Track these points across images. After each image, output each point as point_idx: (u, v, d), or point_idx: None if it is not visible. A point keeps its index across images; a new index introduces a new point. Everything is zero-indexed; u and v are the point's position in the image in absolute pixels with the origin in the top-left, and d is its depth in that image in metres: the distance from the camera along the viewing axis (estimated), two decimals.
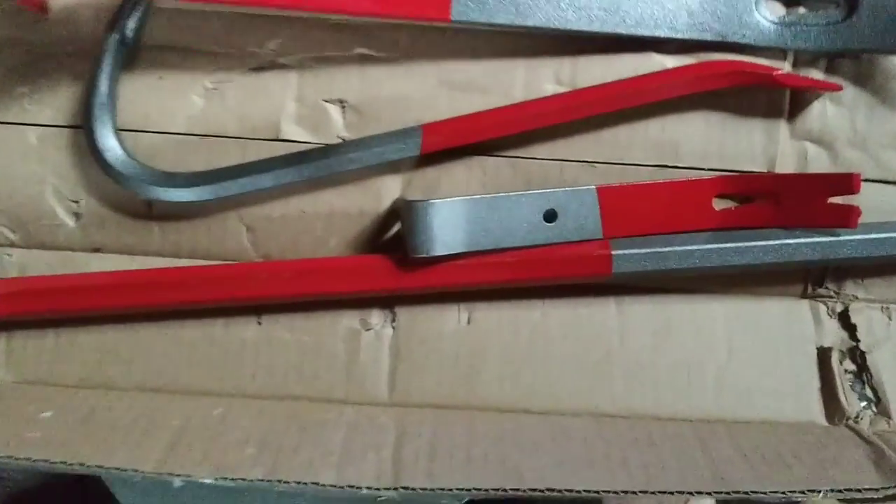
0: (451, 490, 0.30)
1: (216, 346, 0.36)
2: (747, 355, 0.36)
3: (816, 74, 0.36)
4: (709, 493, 0.29)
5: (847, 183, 0.34)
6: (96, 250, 0.37)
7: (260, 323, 0.36)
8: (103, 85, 0.34)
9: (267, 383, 0.36)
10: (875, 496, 0.29)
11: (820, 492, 0.29)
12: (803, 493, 0.29)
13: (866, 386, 0.36)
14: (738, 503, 0.33)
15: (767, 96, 0.36)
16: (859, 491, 0.29)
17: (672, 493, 0.29)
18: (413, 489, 0.29)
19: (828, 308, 0.37)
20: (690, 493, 0.29)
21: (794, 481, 0.30)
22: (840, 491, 0.29)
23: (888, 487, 0.29)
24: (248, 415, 0.34)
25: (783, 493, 0.29)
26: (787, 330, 0.37)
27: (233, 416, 0.34)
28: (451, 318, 0.36)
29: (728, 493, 0.29)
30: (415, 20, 0.33)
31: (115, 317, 0.36)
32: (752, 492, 0.29)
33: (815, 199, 0.35)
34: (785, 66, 0.36)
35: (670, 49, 0.35)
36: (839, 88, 0.35)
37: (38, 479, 0.56)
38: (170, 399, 0.35)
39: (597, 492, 0.29)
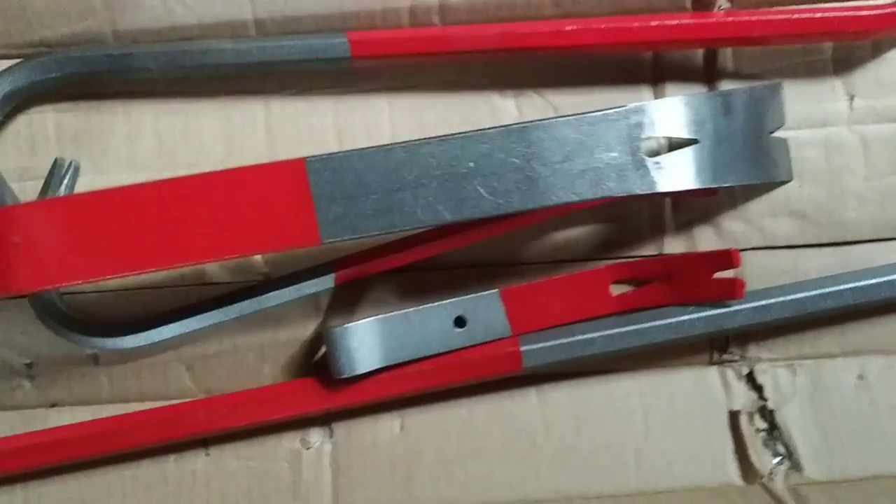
0: None
1: (170, 482, 0.38)
2: (663, 427, 0.39)
3: None
4: None
5: (727, 259, 0.37)
6: (53, 405, 0.40)
7: (208, 454, 0.39)
8: None
9: None
10: None
11: None
12: None
13: (778, 442, 0.38)
14: None
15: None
16: None
17: None
18: None
19: (735, 372, 0.40)
20: None
21: None
22: None
23: None
24: None
25: None
26: (698, 398, 0.39)
27: None
28: (385, 427, 0.39)
29: None
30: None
31: (78, 465, 0.39)
32: None
33: (701, 276, 0.38)
34: None
35: None
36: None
37: None
38: None
39: None
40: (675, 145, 0.35)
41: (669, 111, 0.34)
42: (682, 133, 0.34)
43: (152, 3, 0.38)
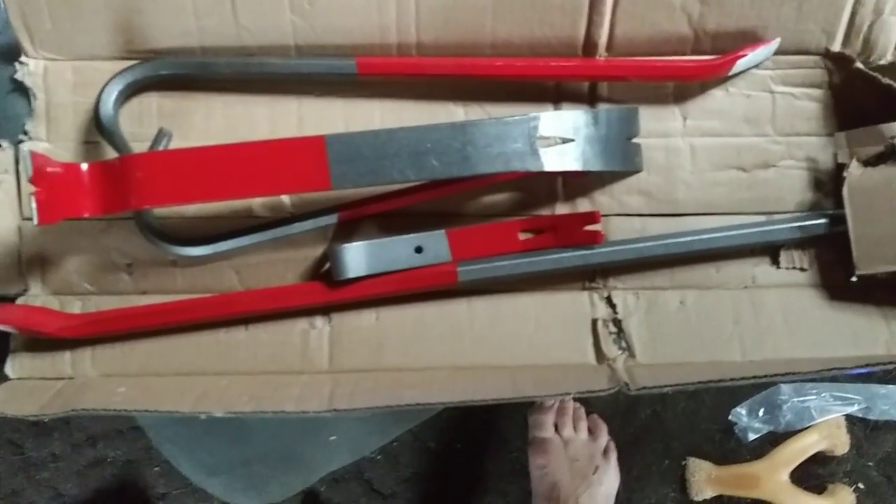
0: (359, 409, 0.51)
1: (220, 344, 0.58)
2: (547, 327, 0.58)
3: None
4: (504, 399, 0.51)
5: (593, 217, 0.57)
6: (143, 293, 0.59)
7: (247, 329, 0.58)
8: None
9: (253, 365, 0.58)
10: (601, 393, 0.51)
11: (570, 393, 0.51)
12: (561, 394, 0.51)
13: (622, 340, 0.58)
14: None
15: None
16: (592, 391, 0.51)
17: (486, 399, 0.51)
18: (339, 410, 0.51)
19: (598, 294, 0.60)
20: (495, 400, 0.51)
21: (560, 391, 0.52)
22: (582, 392, 0.51)
23: (608, 389, 0.51)
24: (243, 383, 0.56)
25: (553, 394, 0.51)
26: (572, 309, 0.59)
27: (234, 385, 0.56)
28: (367, 317, 0.59)
29: (518, 397, 0.51)
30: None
31: (158, 331, 0.58)
32: (533, 395, 0.51)
33: (577, 228, 0.58)
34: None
35: None
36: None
37: None
38: (194, 379, 0.57)
39: (446, 402, 0.51)
40: (558, 142, 0.55)
41: (556, 120, 0.54)
42: (564, 134, 0.54)
43: (228, 31, 0.57)
